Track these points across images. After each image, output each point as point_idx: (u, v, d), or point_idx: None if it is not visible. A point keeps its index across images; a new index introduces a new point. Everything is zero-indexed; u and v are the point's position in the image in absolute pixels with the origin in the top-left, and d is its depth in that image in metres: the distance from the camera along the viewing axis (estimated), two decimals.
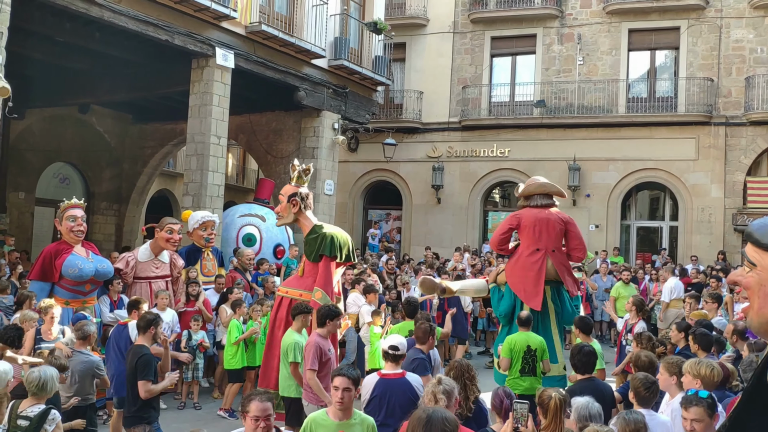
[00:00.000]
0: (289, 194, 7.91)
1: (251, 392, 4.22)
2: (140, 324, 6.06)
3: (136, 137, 20.21)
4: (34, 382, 5.01)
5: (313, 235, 7.60)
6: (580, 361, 5.59)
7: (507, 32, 21.63)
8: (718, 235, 19.04)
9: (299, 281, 7.78)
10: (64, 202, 8.92)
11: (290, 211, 7.85)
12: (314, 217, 8.06)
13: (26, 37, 12.73)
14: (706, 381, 4.77)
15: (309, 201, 7.96)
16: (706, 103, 19.25)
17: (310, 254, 7.59)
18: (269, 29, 14.16)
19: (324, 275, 7.42)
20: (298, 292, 7.62)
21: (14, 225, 17.75)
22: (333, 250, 7.44)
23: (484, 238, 21.79)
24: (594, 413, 4.21)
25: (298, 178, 8.00)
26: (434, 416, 3.17)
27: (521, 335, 7.34)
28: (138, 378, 5.68)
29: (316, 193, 16.71)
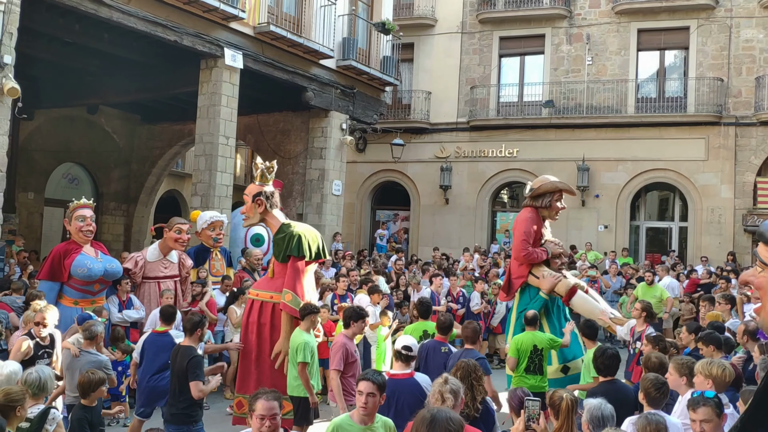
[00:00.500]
0: (253, 194, 7.65)
1: (257, 391, 4.21)
2: (187, 326, 6.20)
3: (144, 138, 20.28)
4: (34, 383, 5.02)
5: (281, 234, 7.39)
6: (603, 364, 5.56)
7: (515, 32, 21.58)
8: (727, 235, 18.93)
9: (269, 283, 7.54)
10: (73, 202, 8.95)
11: (256, 211, 7.63)
12: (282, 216, 7.84)
13: (35, 38, 12.80)
14: (717, 381, 4.73)
15: (275, 199, 7.72)
16: (716, 103, 19.14)
17: (279, 255, 7.39)
18: (278, 30, 14.18)
19: (292, 276, 7.18)
20: (268, 294, 7.38)
21: (23, 225, 17.84)
22: (301, 250, 7.22)
23: (493, 238, 21.75)
24: (606, 415, 4.17)
25: (262, 176, 7.73)
26: (438, 416, 3.16)
27: (528, 335, 7.34)
28: (190, 379, 5.78)
29: (323, 193, 16.74)
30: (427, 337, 7.34)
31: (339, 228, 17.39)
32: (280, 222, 7.57)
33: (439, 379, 4.41)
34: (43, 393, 5.11)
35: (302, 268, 7.28)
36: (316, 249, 7.46)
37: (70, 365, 6.19)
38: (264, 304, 7.33)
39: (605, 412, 4.17)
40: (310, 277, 7.59)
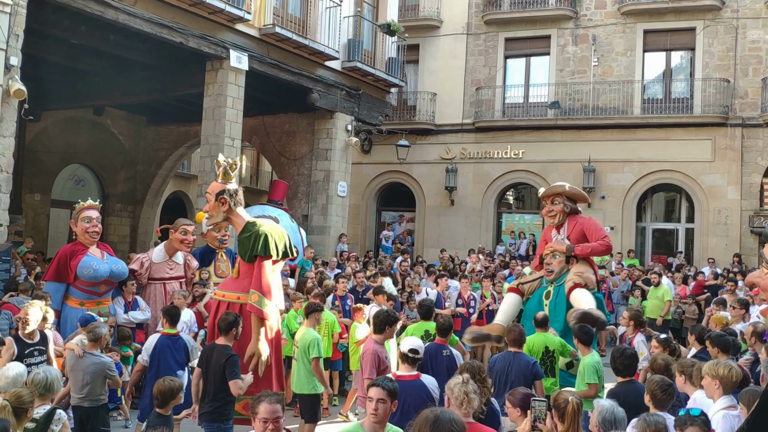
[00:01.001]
0: (216, 192, 7.38)
1: (260, 394, 4.17)
2: (222, 326, 6.29)
3: (150, 139, 20.32)
4: (41, 383, 5.03)
5: (246, 233, 7.13)
6: (622, 364, 5.52)
7: (521, 33, 21.56)
8: (734, 237, 18.85)
9: (235, 283, 7.29)
10: (80, 204, 8.97)
11: (219, 209, 7.37)
12: (247, 214, 7.59)
13: (42, 40, 12.84)
14: (724, 381, 4.70)
15: (239, 197, 7.46)
16: (722, 104, 19.08)
17: (244, 254, 7.13)
18: (283, 31, 14.19)
19: (259, 276, 6.94)
20: (234, 295, 7.13)
21: (30, 226, 17.90)
22: (268, 250, 6.97)
23: (498, 239, 21.73)
24: (619, 419, 4.13)
25: (225, 174, 7.45)
26: (442, 417, 3.14)
27: (539, 336, 7.26)
28: (228, 377, 5.91)
29: (329, 194, 16.75)
30: (429, 336, 7.41)
31: (344, 229, 17.39)
32: (244, 221, 7.32)
33: (456, 379, 4.31)
34: (49, 393, 5.11)
35: (269, 268, 7.05)
36: (283, 248, 7.24)
37: (74, 366, 6.20)
38: (230, 306, 7.09)
39: (618, 416, 4.12)
40: (277, 276, 7.38)
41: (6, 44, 9.78)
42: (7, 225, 10.29)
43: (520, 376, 6.31)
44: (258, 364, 6.60)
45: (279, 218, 14.39)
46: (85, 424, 6.06)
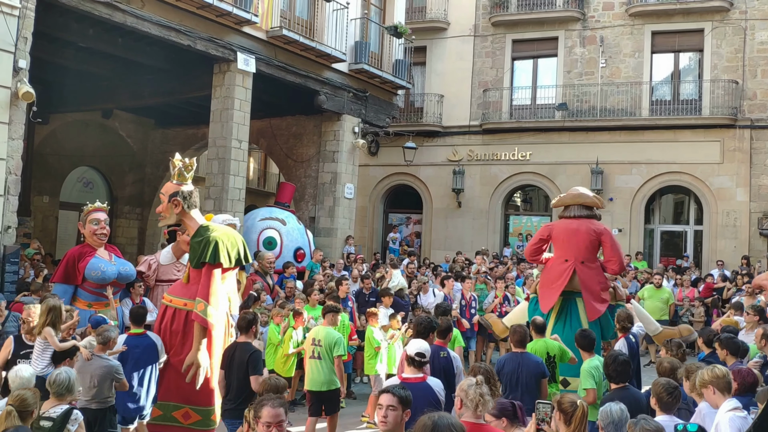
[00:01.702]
0: (170, 193, 7.15)
1: (263, 398, 4.13)
2: (242, 324, 6.52)
3: (158, 142, 20.39)
4: (63, 384, 5.03)
5: (198, 238, 6.91)
6: (615, 371, 5.46)
7: (528, 35, 21.52)
8: (743, 239, 18.76)
9: (184, 289, 7.08)
10: (88, 206, 8.99)
11: (172, 211, 7.13)
12: (201, 217, 7.34)
13: (50, 43, 12.91)
14: (715, 384, 4.66)
15: (193, 200, 7.19)
16: (731, 106, 18.99)
17: (193, 260, 6.92)
18: (290, 34, 14.22)
19: (206, 285, 6.69)
20: (182, 301, 6.93)
21: (39, 228, 17.98)
22: (217, 257, 6.73)
23: (505, 242, 21.69)
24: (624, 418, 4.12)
25: (179, 175, 7.20)
26: (440, 423, 3.11)
27: (539, 342, 7.21)
28: (251, 373, 6.16)
29: (336, 196, 16.75)
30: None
31: (351, 231, 17.39)
32: (198, 224, 7.11)
33: (469, 381, 4.26)
34: (69, 394, 5.11)
35: (218, 276, 6.80)
36: (236, 255, 7.01)
37: (81, 369, 6.21)
38: (177, 311, 6.94)
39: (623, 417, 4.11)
40: (228, 283, 7.14)
41: (14, 47, 9.83)
42: (16, 227, 10.34)
43: (530, 376, 6.36)
44: (196, 374, 6.34)
45: (286, 220, 14.43)
46: (92, 425, 6.06)
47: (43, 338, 6.25)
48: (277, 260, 12.87)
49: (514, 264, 16.93)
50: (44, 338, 6.25)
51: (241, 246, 7.13)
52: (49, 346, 6.24)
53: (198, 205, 7.32)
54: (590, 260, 8.57)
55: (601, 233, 8.67)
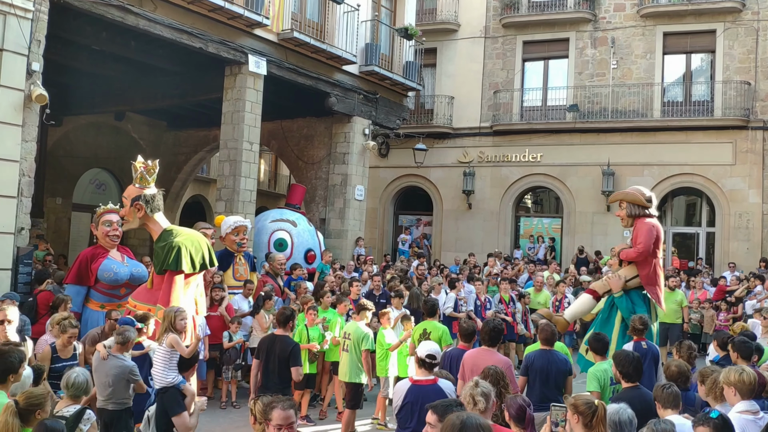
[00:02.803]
0: (132, 197, 7.15)
1: (273, 400, 4.15)
2: (280, 319, 6.91)
3: (170, 144, 20.49)
4: (81, 387, 5.06)
5: (161, 243, 6.84)
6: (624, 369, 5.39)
7: (539, 36, 21.48)
8: (756, 241, 18.63)
9: (148, 294, 7.05)
10: (100, 208, 9.06)
11: (135, 215, 7.13)
12: (165, 221, 7.29)
13: (64, 46, 12.99)
14: (739, 387, 4.64)
15: (156, 203, 7.16)
16: (743, 107, 18.88)
17: (156, 265, 6.85)
18: (301, 36, 14.27)
19: (167, 291, 6.64)
20: (146, 307, 6.88)
21: (51, 230, 18.10)
22: (179, 264, 6.65)
23: (516, 244, 21.63)
24: (624, 419, 4.11)
25: (141, 178, 7.19)
26: (468, 422, 3.11)
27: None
28: (291, 364, 6.59)
29: (346, 198, 16.76)
30: (426, 335, 7.58)
31: (361, 233, 17.41)
32: (161, 228, 7.04)
33: (470, 382, 4.37)
34: (84, 395, 5.15)
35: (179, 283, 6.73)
36: (200, 259, 6.93)
37: (97, 368, 6.24)
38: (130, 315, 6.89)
39: (623, 417, 4.10)
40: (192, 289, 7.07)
41: (28, 50, 9.92)
42: (29, 229, 10.41)
43: (559, 373, 6.44)
44: None
45: (297, 222, 14.47)
46: (109, 427, 6.07)
47: (169, 345, 6.29)
48: (288, 261, 12.91)
49: (525, 266, 16.90)
50: (170, 346, 6.28)
51: (206, 250, 7.07)
52: (175, 353, 6.25)
53: (162, 209, 7.24)
54: None
55: None
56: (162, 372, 6.15)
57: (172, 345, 6.28)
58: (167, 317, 6.44)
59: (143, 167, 7.19)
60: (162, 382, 6.11)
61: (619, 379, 5.51)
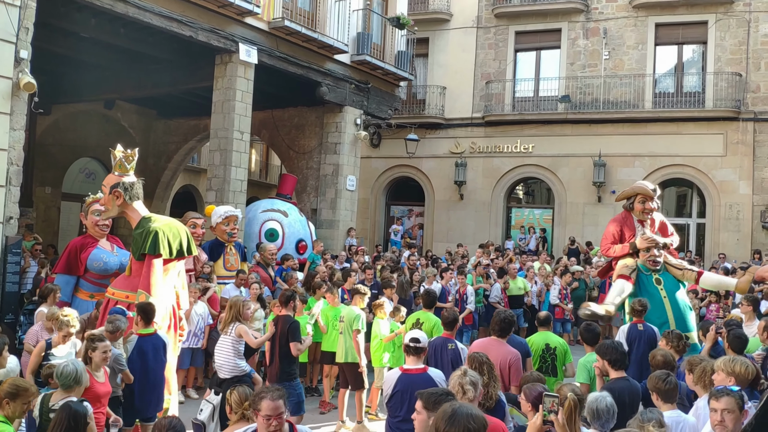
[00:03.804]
0: (111, 185, 7.04)
1: (261, 390, 4.11)
2: (282, 299, 7.29)
3: (160, 133, 20.37)
4: (71, 375, 5.03)
5: (139, 230, 6.77)
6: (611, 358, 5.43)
7: (531, 27, 21.44)
8: (746, 232, 18.73)
9: (126, 281, 6.96)
10: (90, 197, 9.01)
11: (114, 203, 7.03)
12: (144, 209, 7.21)
13: (52, 33, 12.86)
14: (740, 378, 4.68)
15: (135, 191, 7.06)
16: (735, 99, 18.93)
17: (135, 252, 6.79)
18: (292, 25, 14.18)
19: (147, 276, 6.55)
20: (124, 294, 6.82)
21: (41, 219, 17.99)
22: (157, 248, 6.58)
23: (507, 234, 21.67)
24: (602, 408, 4.11)
25: (120, 166, 7.09)
26: (459, 411, 3.11)
27: (539, 335, 7.20)
28: (290, 340, 6.82)
29: (338, 188, 16.71)
30: (419, 325, 7.68)
31: (353, 223, 17.38)
32: (140, 215, 6.98)
33: (458, 371, 4.40)
34: (77, 386, 5.11)
35: (158, 267, 6.67)
36: (178, 245, 6.86)
37: None
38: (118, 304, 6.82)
39: (600, 405, 4.11)
40: (171, 275, 6.99)
41: (16, 37, 9.80)
42: (18, 218, 10.33)
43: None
44: None
45: (288, 212, 14.42)
46: None
47: (238, 335, 6.28)
48: (279, 252, 12.88)
49: (516, 256, 16.93)
50: (238, 335, 6.29)
51: (184, 237, 6.98)
52: (240, 341, 6.22)
53: (141, 197, 7.20)
54: None
55: None
56: (232, 361, 6.14)
57: (241, 334, 6.29)
58: (234, 306, 6.52)
59: (122, 155, 7.11)
60: (233, 371, 6.13)
61: (606, 371, 5.50)
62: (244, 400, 4.65)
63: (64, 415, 4.28)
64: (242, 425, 4.58)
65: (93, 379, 5.62)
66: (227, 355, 6.20)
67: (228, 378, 6.14)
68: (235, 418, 4.69)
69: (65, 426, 4.19)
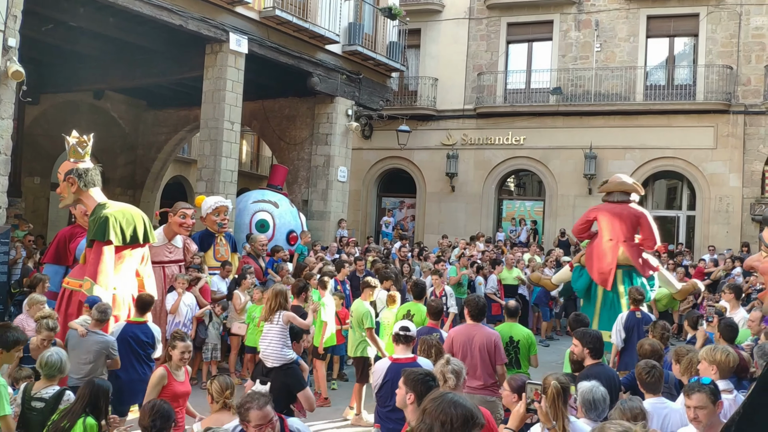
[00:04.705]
0: (65, 172, 6.87)
1: (245, 401, 3.97)
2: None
3: (150, 123, 20.25)
4: (55, 366, 5.04)
5: (92, 216, 6.64)
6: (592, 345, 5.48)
7: (523, 18, 21.41)
8: (735, 225, 18.82)
9: (81, 270, 6.85)
10: None
11: (69, 190, 6.85)
12: (100, 195, 7.00)
13: (40, 22, 12.75)
14: (721, 367, 4.70)
15: (90, 177, 6.83)
16: (725, 91, 18.98)
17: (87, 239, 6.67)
18: (283, 14, 14.09)
19: (95, 263, 6.42)
20: (77, 283, 6.69)
21: (29, 210, 17.87)
22: (106, 234, 6.40)
23: (498, 226, 21.69)
24: (598, 398, 4.15)
25: (74, 152, 6.89)
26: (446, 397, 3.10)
27: (505, 326, 7.12)
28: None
29: (329, 179, 16.67)
30: (409, 316, 7.65)
31: (344, 215, 17.35)
32: (96, 202, 6.80)
33: (442, 359, 4.48)
34: (60, 375, 5.14)
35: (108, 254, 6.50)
36: (132, 233, 6.67)
37: (76, 345, 6.17)
38: (73, 293, 6.70)
39: (596, 395, 4.15)
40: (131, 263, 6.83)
41: (4, 25, 9.71)
42: (6, 208, 10.26)
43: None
44: None
45: (279, 203, 14.39)
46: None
47: (286, 322, 6.31)
48: (270, 243, 12.85)
49: (508, 248, 16.97)
50: (287, 322, 6.32)
51: (140, 224, 6.80)
52: (285, 328, 6.26)
53: (98, 183, 6.97)
54: (631, 238, 9.96)
55: (639, 216, 10.13)
56: (279, 350, 6.12)
57: (290, 320, 6.36)
58: (280, 294, 6.48)
59: (75, 140, 6.92)
60: (281, 359, 6.10)
61: (582, 357, 5.54)
62: (225, 389, 4.67)
63: (87, 390, 4.60)
64: (224, 414, 4.60)
65: (172, 377, 5.63)
66: (275, 343, 6.17)
67: (276, 366, 6.11)
68: (217, 407, 4.69)
69: (87, 401, 4.54)
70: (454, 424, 2.89)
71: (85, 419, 4.51)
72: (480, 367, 6.19)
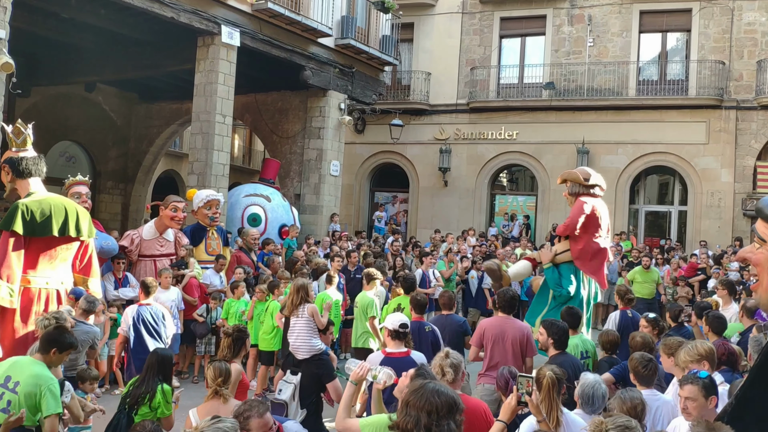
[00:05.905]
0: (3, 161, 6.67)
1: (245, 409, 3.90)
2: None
3: (142, 116, 20.15)
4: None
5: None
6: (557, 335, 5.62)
7: (516, 13, 21.38)
8: (727, 219, 18.89)
9: None
10: (69, 179, 8.90)
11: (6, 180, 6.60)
12: (38, 186, 6.65)
13: (31, 13, 12.64)
14: (708, 357, 4.67)
15: (26, 166, 6.53)
16: (717, 87, 19.02)
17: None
18: (275, 7, 14.02)
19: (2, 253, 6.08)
20: None
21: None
22: (10, 224, 6.08)
23: (491, 221, 21.71)
24: (597, 395, 4.20)
25: (12, 142, 6.66)
26: (427, 386, 3.11)
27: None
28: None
29: (321, 173, 16.62)
30: (400, 310, 7.72)
31: (337, 209, 17.32)
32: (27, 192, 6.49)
33: (441, 353, 4.48)
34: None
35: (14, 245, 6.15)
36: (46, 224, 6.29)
37: None
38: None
39: (596, 392, 4.19)
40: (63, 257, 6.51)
41: None
42: None
43: (453, 334, 7.05)
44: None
45: (271, 197, 14.35)
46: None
47: (310, 315, 6.39)
48: (262, 237, 12.82)
49: (500, 243, 16.98)
50: (311, 315, 6.39)
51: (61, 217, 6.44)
52: (311, 320, 6.36)
53: (38, 173, 6.69)
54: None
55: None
56: (308, 342, 6.20)
57: (313, 315, 6.47)
58: (303, 288, 6.58)
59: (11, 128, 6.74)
60: (311, 350, 6.22)
61: (546, 347, 5.66)
62: (218, 375, 4.70)
63: (154, 359, 5.05)
64: (215, 402, 4.64)
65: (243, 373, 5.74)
66: (303, 336, 6.29)
67: (307, 358, 6.30)
68: (210, 395, 4.73)
69: (156, 369, 5.00)
70: (440, 412, 2.94)
71: (162, 385, 4.99)
72: (511, 360, 6.25)
